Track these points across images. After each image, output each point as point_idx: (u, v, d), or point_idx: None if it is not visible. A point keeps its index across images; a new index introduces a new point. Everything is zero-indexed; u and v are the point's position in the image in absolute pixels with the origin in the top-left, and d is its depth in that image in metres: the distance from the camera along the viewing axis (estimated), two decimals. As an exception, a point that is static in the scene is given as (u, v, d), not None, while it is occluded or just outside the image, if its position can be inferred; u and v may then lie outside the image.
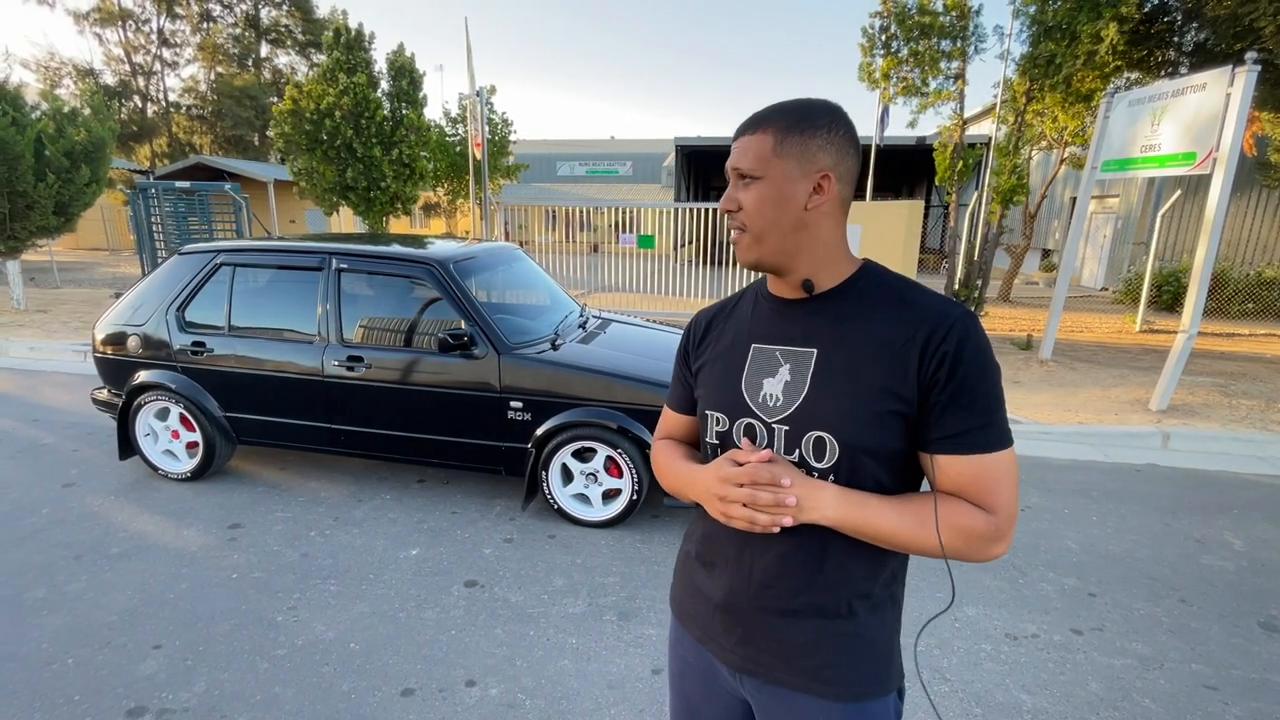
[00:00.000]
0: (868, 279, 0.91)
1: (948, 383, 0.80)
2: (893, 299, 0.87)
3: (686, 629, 1.04)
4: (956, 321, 0.82)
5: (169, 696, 2.07)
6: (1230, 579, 2.88)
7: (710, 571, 0.98)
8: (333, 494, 3.55)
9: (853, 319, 0.88)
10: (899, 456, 0.85)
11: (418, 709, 2.05)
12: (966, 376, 0.80)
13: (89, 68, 27.37)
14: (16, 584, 2.66)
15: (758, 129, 0.87)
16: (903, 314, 0.85)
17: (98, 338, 3.74)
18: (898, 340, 0.83)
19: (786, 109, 0.87)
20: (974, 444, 0.81)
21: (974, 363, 0.80)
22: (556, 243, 10.64)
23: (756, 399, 0.91)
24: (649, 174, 26.85)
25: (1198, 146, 4.92)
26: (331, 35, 12.13)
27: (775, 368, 0.91)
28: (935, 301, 0.86)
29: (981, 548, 0.82)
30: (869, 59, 9.99)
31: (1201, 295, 4.91)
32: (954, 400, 0.80)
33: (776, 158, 0.85)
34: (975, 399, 0.80)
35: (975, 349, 0.81)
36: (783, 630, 0.91)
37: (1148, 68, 8.36)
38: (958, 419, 0.80)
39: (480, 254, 3.72)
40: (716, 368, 0.99)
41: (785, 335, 0.92)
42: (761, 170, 0.86)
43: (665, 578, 2.82)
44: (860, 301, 0.88)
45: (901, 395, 0.82)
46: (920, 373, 0.81)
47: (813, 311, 0.91)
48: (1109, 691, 2.18)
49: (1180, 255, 11.74)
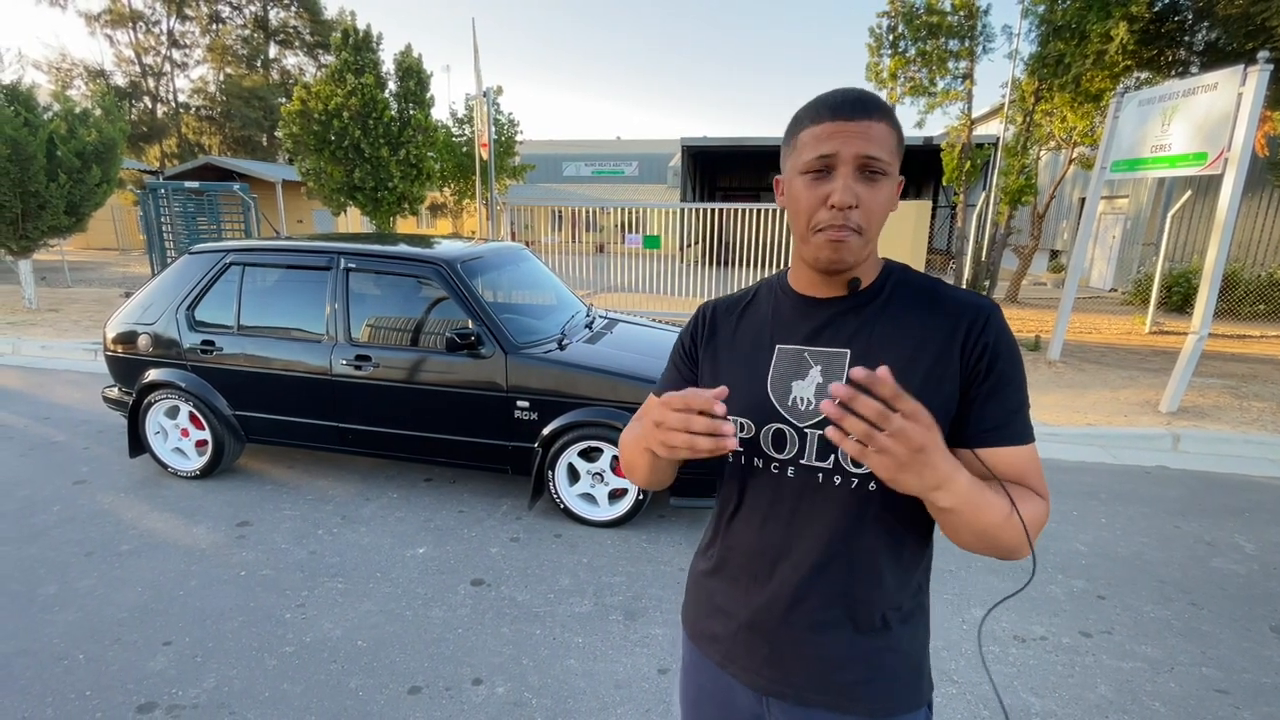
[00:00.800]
0: (896, 277, 0.88)
1: (989, 374, 0.79)
2: (923, 295, 0.85)
3: (705, 652, 0.97)
4: (992, 314, 0.81)
5: (178, 693, 2.09)
6: (1241, 582, 2.86)
7: (734, 587, 0.92)
8: (340, 492, 3.57)
9: (886, 317, 0.84)
10: None
11: (425, 707, 2.06)
12: (1005, 367, 0.79)
13: (100, 69, 27.62)
14: (29, 580, 2.69)
15: (881, 116, 0.78)
16: (936, 309, 0.83)
17: (109, 336, 3.77)
18: (937, 336, 0.81)
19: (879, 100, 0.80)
20: (1014, 435, 0.80)
21: (1010, 353, 0.80)
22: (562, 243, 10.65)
23: (786, 403, 0.86)
24: (655, 174, 26.85)
25: (1209, 146, 4.88)
26: (340, 36, 12.19)
27: (805, 369, 0.86)
28: (965, 295, 0.85)
29: (1037, 534, 0.79)
30: (876, 59, 9.98)
31: (1212, 296, 4.87)
32: (995, 392, 0.79)
33: (897, 155, 0.80)
34: (1014, 391, 0.80)
35: (1009, 340, 0.81)
36: (815, 646, 0.86)
37: (1158, 67, 8.30)
38: (1000, 410, 0.79)
39: (487, 254, 3.73)
40: (735, 369, 0.92)
41: (814, 335, 0.87)
42: (891, 165, 0.79)
43: (672, 577, 2.82)
44: (893, 300, 0.86)
45: (945, 392, 0.80)
46: (963, 366, 0.80)
47: (843, 311, 0.86)
48: (1118, 695, 2.16)
49: (1190, 256, 11.64)
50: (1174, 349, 7.01)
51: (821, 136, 0.78)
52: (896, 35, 9.67)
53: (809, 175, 0.79)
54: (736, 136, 18.82)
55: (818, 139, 0.78)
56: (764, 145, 18.23)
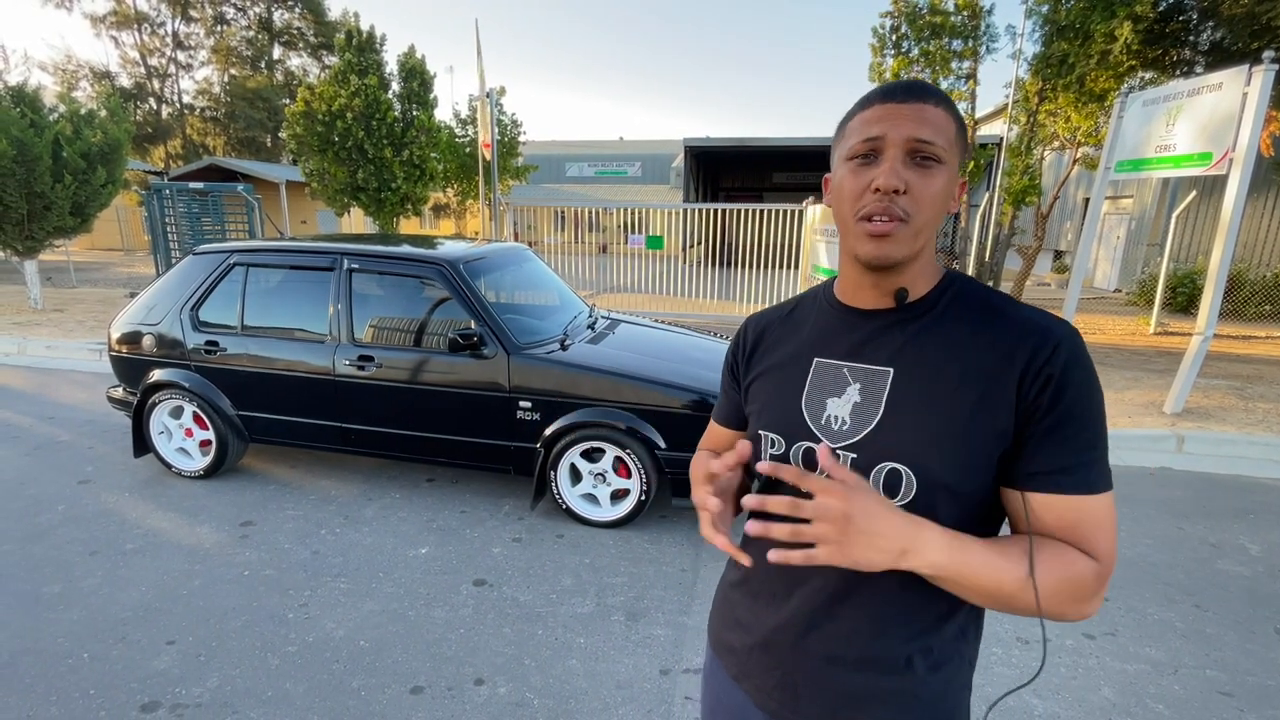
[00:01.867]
0: (954, 290, 0.79)
1: (1050, 410, 0.69)
2: (984, 311, 0.76)
3: (723, 663, 0.94)
4: (1063, 339, 0.71)
5: (182, 692, 2.10)
6: (1246, 584, 2.84)
7: (755, 603, 0.88)
8: (343, 492, 3.58)
9: (938, 335, 0.76)
10: (982, 497, 0.74)
11: (427, 706, 2.06)
12: (1073, 404, 0.69)
13: (105, 70, 27.75)
14: (34, 579, 2.70)
15: (938, 102, 0.72)
16: (998, 330, 0.74)
17: (113, 337, 3.78)
18: (993, 361, 0.72)
19: (937, 89, 0.75)
20: (1075, 483, 0.69)
21: (1081, 388, 0.69)
22: (565, 243, 10.66)
23: (819, 420, 0.80)
24: (658, 175, 26.85)
25: (1214, 146, 4.86)
26: (343, 37, 12.23)
27: (842, 386, 0.79)
28: (1035, 315, 0.74)
29: (1084, 602, 0.69)
30: (879, 59, 9.96)
31: (1217, 297, 4.85)
32: (1055, 431, 0.69)
33: (957, 147, 0.73)
34: (1080, 430, 0.69)
35: (1084, 372, 0.70)
36: (828, 679, 0.80)
37: (1163, 67, 8.27)
38: (1059, 453, 0.69)
39: (490, 254, 3.73)
40: (771, 382, 0.88)
41: (855, 350, 0.80)
42: (948, 153, 0.72)
43: (674, 578, 2.82)
44: (946, 315, 0.77)
45: (997, 427, 0.71)
46: (1020, 398, 0.70)
47: (889, 324, 0.79)
48: (1122, 697, 2.16)
49: (1195, 256, 11.60)
50: (1178, 350, 6.98)
51: (870, 120, 0.73)
52: (899, 35, 9.65)
53: (855, 161, 0.74)
54: (739, 137, 18.81)
55: (866, 123, 0.73)
56: (766, 146, 18.23)
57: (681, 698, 2.12)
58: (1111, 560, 0.71)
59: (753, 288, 9.08)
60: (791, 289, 8.83)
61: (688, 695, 2.14)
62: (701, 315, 9.06)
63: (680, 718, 2.04)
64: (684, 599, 2.67)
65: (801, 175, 22.18)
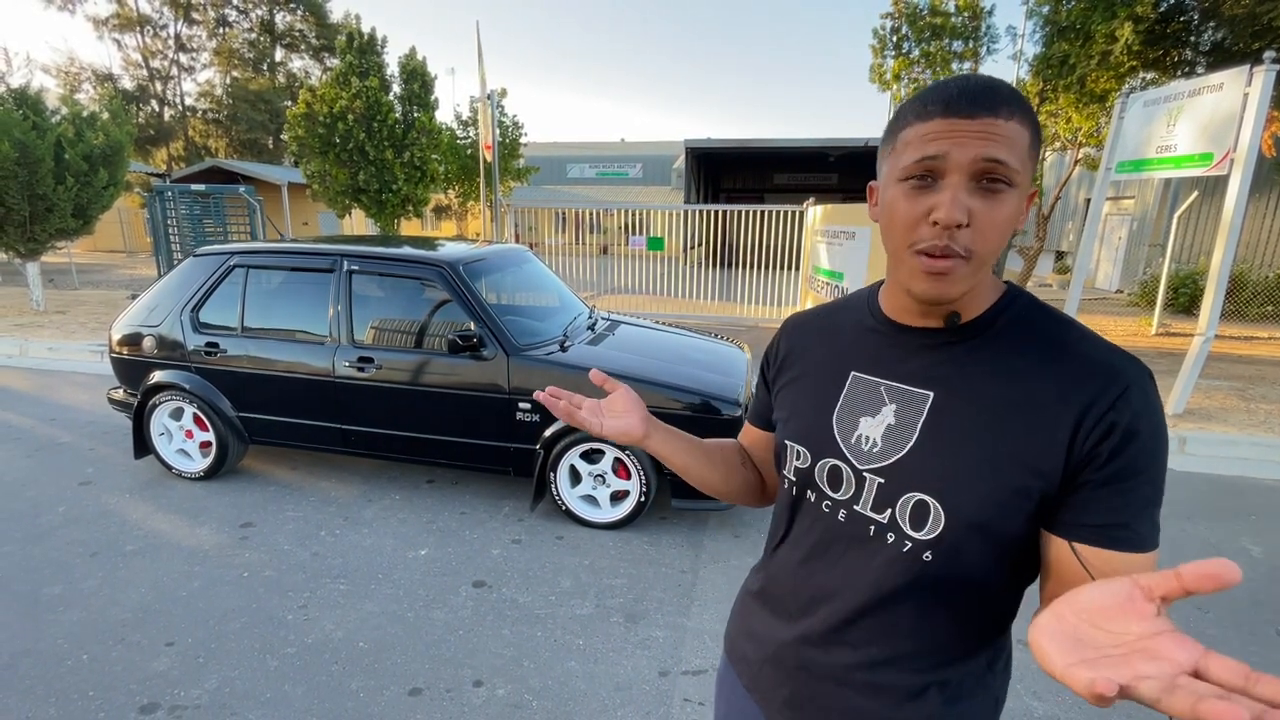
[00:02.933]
0: (1014, 310, 0.71)
1: (1110, 461, 0.62)
2: (1044, 340, 0.68)
3: (736, 671, 0.93)
4: (1134, 384, 0.63)
5: (181, 693, 2.10)
6: (1248, 586, 2.84)
7: (770, 616, 0.86)
8: (343, 494, 3.58)
9: (988, 360, 0.69)
10: (1018, 543, 0.67)
11: (425, 708, 2.06)
12: (1137, 457, 0.62)
13: (108, 73, 27.84)
14: (34, 580, 2.71)
15: (1011, 113, 0.61)
16: (1058, 363, 0.66)
17: (114, 338, 3.79)
18: (1047, 396, 0.65)
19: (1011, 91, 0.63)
20: (1126, 540, 0.62)
21: (1150, 440, 0.62)
22: (566, 244, 10.67)
23: (850, 439, 0.75)
24: (659, 176, 26.87)
25: (1215, 147, 4.85)
26: (345, 39, 12.26)
27: (878, 406, 0.74)
28: (1103, 352, 0.66)
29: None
30: (880, 60, 9.97)
31: (1219, 297, 4.84)
32: (1113, 483, 0.62)
33: (1030, 162, 0.64)
34: (1140, 486, 0.62)
35: (1154, 421, 0.63)
36: (836, 702, 0.77)
37: (1163, 68, 8.27)
38: (1113, 508, 0.62)
39: (490, 256, 3.74)
40: (802, 390, 0.83)
41: (897, 369, 0.74)
42: (1021, 175, 0.63)
43: (673, 580, 2.81)
44: (1001, 339, 0.70)
45: (1039, 469, 0.64)
46: (1074, 443, 0.63)
47: (936, 343, 0.72)
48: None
49: (1197, 257, 11.58)
50: (1180, 350, 6.97)
51: (929, 136, 0.63)
52: (900, 36, 9.65)
53: (909, 182, 0.65)
54: (740, 138, 18.83)
55: (923, 139, 0.63)
56: (768, 147, 18.24)
57: (680, 699, 2.12)
58: None
59: (753, 289, 9.08)
60: (792, 290, 8.83)
61: (686, 697, 2.14)
62: (702, 316, 9.07)
63: (678, 719, 2.04)
64: (683, 601, 2.66)
65: (803, 176, 22.19)
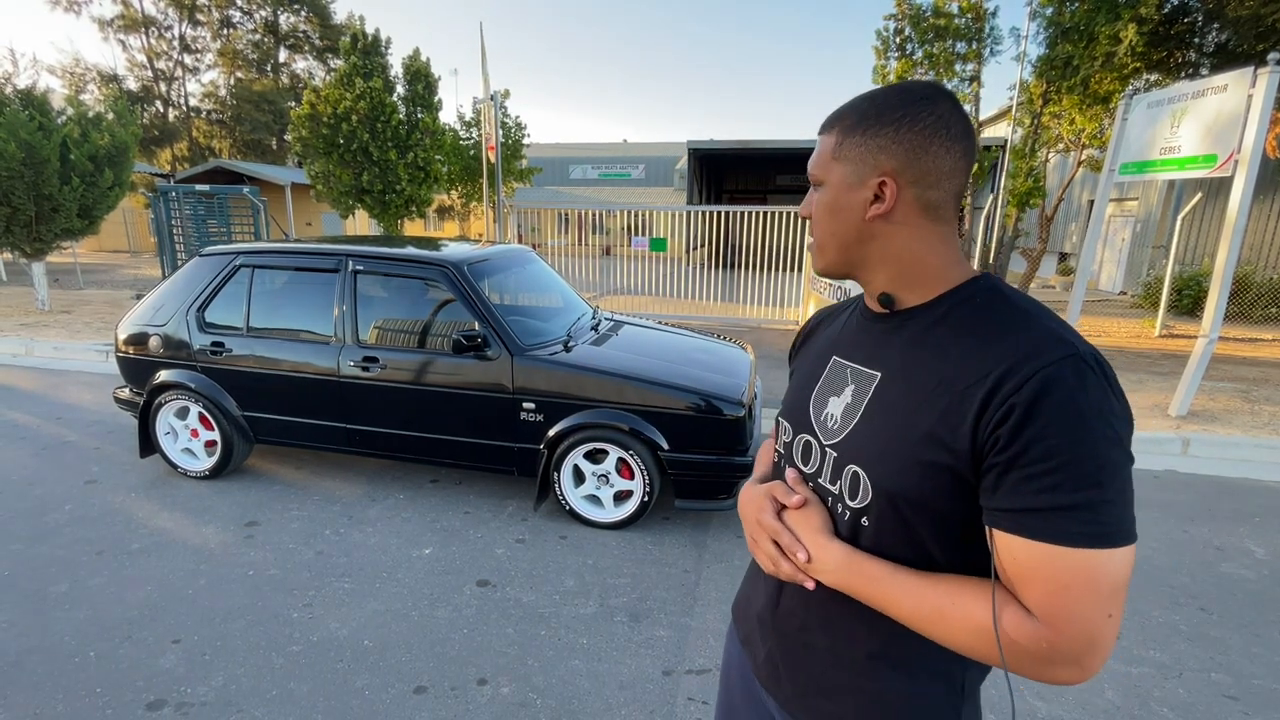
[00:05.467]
0: (964, 299, 0.75)
1: (1010, 444, 0.62)
2: (991, 326, 0.70)
3: (737, 627, 1.02)
4: (1048, 366, 0.62)
5: (187, 690, 2.11)
6: (1252, 588, 2.83)
7: (756, 579, 0.97)
8: (347, 493, 3.59)
9: (928, 345, 0.74)
10: (950, 519, 0.70)
11: (430, 706, 2.07)
12: (1040, 438, 0.61)
13: (113, 73, 27.91)
14: (40, 578, 2.72)
15: (829, 128, 0.80)
16: (991, 346, 0.68)
17: (120, 338, 3.81)
18: (964, 379, 0.68)
19: (861, 101, 0.77)
20: (1039, 528, 0.62)
21: (1057, 421, 0.61)
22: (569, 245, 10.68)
23: (820, 416, 0.84)
24: (661, 177, 26.89)
25: (1219, 148, 4.84)
26: (349, 40, 12.29)
27: (842, 386, 0.83)
28: (1038, 335, 0.66)
29: (1030, 664, 0.64)
30: (883, 61, 9.97)
31: (1223, 299, 4.83)
32: (1015, 466, 0.62)
33: (835, 161, 0.78)
34: (1052, 469, 0.61)
35: (1064, 404, 0.61)
36: (801, 663, 0.85)
37: (1167, 69, 8.26)
38: (1021, 490, 0.62)
39: (494, 256, 3.75)
40: (799, 373, 0.94)
41: (860, 352, 0.83)
42: (823, 175, 0.79)
43: (676, 579, 2.82)
44: (943, 325, 0.74)
45: (949, 445, 0.67)
46: (979, 424, 0.65)
47: (892, 330, 0.79)
48: (1126, 700, 2.15)
49: (1200, 259, 11.55)
50: (1184, 352, 6.96)
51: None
52: (903, 38, 9.66)
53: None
54: (743, 139, 18.83)
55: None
56: (770, 148, 18.23)
57: (684, 699, 2.13)
58: (1074, 630, 0.61)
59: (756, 290, 9.08)
60: (795, 291, 8.83)
61: (690, 696, 2.14)
62: (705, 317, 9.07)
63: (683, 718, 2.05)
64: (687, 600, 2.67)
65: (806, 177, 22.14)
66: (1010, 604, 0.65)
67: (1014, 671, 0.65)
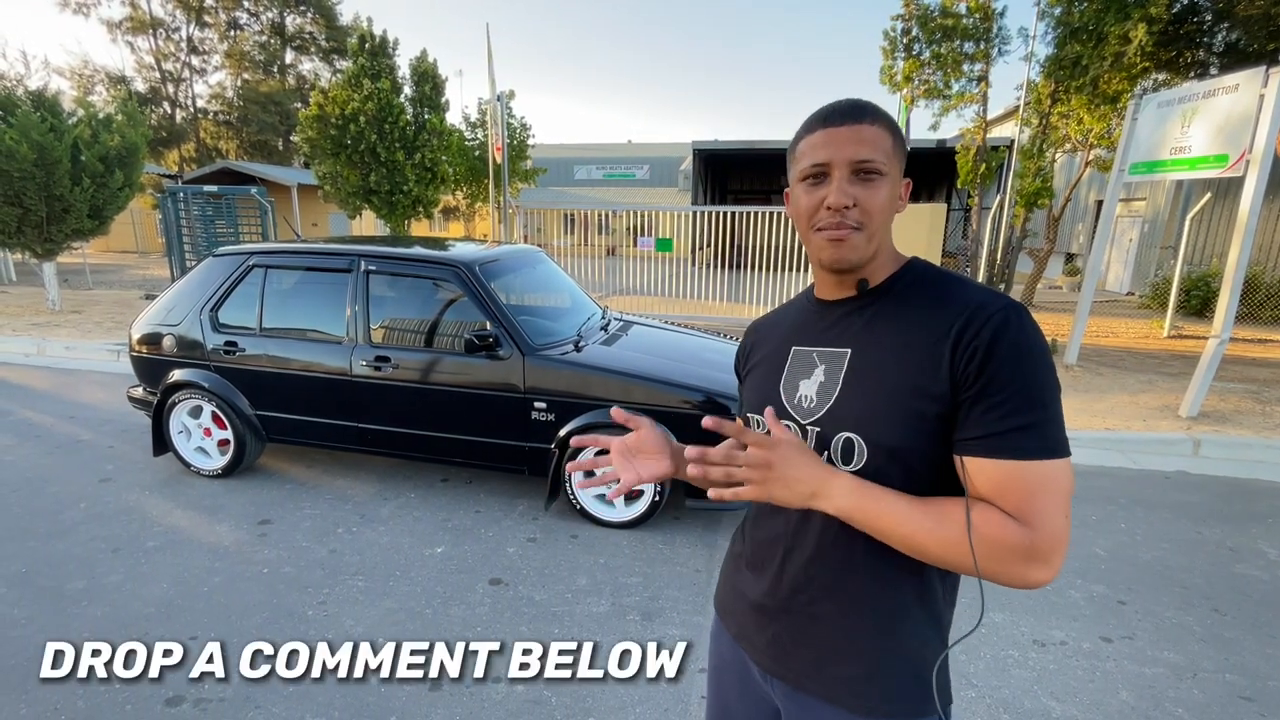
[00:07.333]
0: (911, 275, 0.88)
1: (977, 379, 0.75)
2: (932, 294, 0.84)
3: (725, 625, 1.04)
4: (995, 314, 0.76)
5: (205, 687, 2.13)
6: (1265, 589, 2.82)
7: (751, 571, 0.99)
8: (359, 492, 3.61)
9: (889, 317, 0.85)
10: (931, 459, 0.80)
11: (445, 703, 2.08)
12: (999, 372, 0.74)
13: (121, 75, 28.10)
14: (58, 575, 2.75)
15: (873, 120, 0.83)
16: (942, 308, 0.81)
17: (134, 337, 3.84)
18: (931, 335, 0.80)
19: (869, 104, 0.84)
20: (1005, 448, 0.73)
21: (1009, 357, 0.74)
22: (574, 246, 10.70)
23: (793, 400, 0.91)
24: (666, 178, 26.89)
25: (1230, 148, 4.83)
26: (356, 42, 12.34)
27: (811, 369, 0.90)
28: (977, 293, 0.81)
29: (1014, 566, 0.73)
30: (890, 62, 9.95)
31: (1234, 299, 4.81)
32: (983, 397, 0.74)
33: (893, 156, 0.83)
34: (1008, 397, 0.73)
35: (1012, 343, 0.74)
36: (812, 636, 0.89)
37: (1177, 69, 8.22)
38: (987, 419, 0.74)
39: (504, 256, 3.76)
40: (759, 373, 1.00)
41: (823, 336, 0.91)
42: (887, 167, 0.82)
43: (688, 579, 2.83)
44: (899, 299, 0.86)
45: (932, 393, 0.78)
46: (953, 368, 0.77)
47: (850, 311, 0.89)
48: (1140, 700, 2.15)
49: (1210, 259, 11.49)
50: (1193, 353, 6.92)
51: (815, 145, 0.84)
52: (911, 38, 9.64)
53: (807, 181, 0.85)
54: (747, 140, 18.83)
55: (813, 148, 0.84)
56: (775, 148, 18.21)
57: (698, 697, 2.13)
58: (1050, 526, 0.72)
59: (762, 290, 9.08)
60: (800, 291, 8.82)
61: (704, 695, 2.14)
62: (711, 317, 9.07)
63: (696, 717, 2.05)
64: (698, 599, 2.68)
65: (810, 178, 22.09)
66: (995, 511, 0.74)
67: (996, 575, 0.74)
